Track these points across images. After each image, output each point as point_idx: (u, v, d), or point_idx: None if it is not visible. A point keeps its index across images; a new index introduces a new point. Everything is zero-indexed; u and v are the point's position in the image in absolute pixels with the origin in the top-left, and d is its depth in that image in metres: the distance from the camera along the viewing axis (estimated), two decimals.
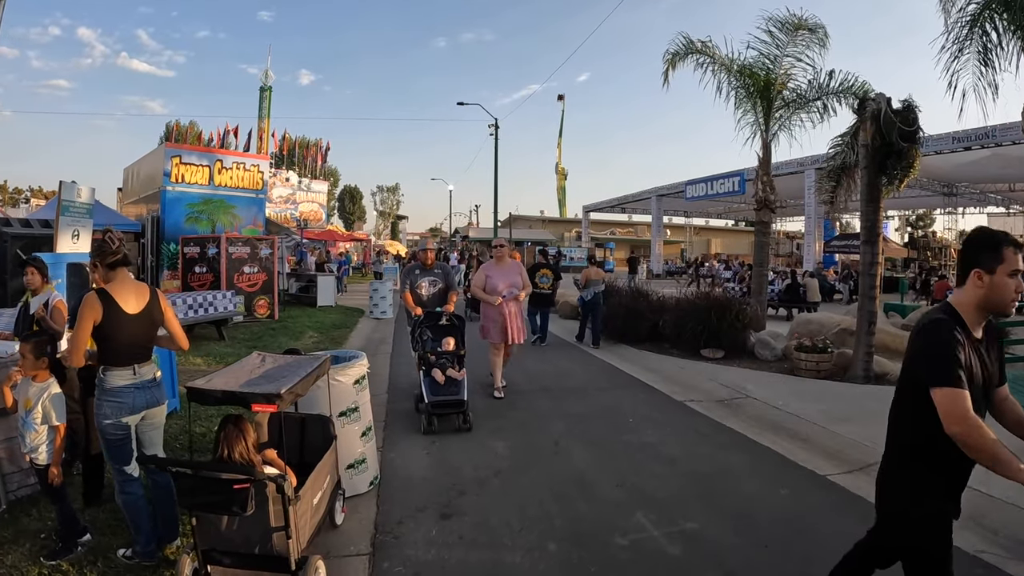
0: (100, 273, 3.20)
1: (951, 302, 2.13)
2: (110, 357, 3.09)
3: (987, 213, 35.05)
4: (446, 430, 5.61)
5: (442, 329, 6.25)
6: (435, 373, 5.83)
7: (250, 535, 2.69)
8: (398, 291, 18.63)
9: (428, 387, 5.75)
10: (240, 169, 15.74)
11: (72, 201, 6.97)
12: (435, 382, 5.78)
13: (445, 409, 5.68)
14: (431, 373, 5.85)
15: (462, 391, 5.76)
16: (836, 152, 8.85)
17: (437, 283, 6.72)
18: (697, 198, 30.41)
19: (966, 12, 7.00)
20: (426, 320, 6.22)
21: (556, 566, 3.17)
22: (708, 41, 11.47)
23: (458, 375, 5.86)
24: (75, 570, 3.05)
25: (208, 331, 10.56)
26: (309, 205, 39.28)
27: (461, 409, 5.71)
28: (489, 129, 28.89)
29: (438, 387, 5.75)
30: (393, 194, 73.42)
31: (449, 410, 5.68)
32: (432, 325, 6.24)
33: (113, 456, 3.11)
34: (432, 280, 6.71)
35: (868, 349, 7.81)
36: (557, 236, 51.36)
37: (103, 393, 3.07)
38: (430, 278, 6.71)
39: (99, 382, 3.09)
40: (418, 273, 6.73)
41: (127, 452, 3.10)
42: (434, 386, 5.77)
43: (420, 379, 5.91)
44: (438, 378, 5.79)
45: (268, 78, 43.49)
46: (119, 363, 3.08)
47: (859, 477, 4.57)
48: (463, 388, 5.79)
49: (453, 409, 5.70)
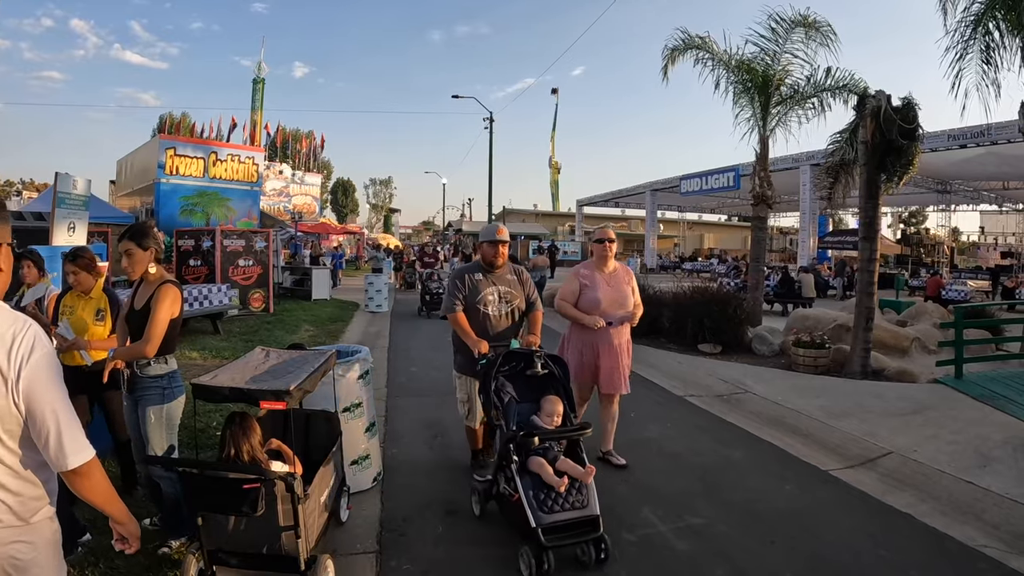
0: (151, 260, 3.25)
1: None
2: (172, 345, 3.27)
3: (980, 211, 35.34)
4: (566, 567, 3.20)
5: (536, 383, 3.75)
6: (539, 467, 3.29)
7: (258, 535, 2.65)
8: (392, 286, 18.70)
9: (531, 497, 3.18)
10: (235, 161, 15.63)
11: (68, 193, 6.87)
12: (542, 485, 3.23)
13: (568, 537, 3.17)
14: (531, 466, 3.32)
15: (591, 500, 3.26)
16: (835, 148, 8.85)
17: (512, 298, 4.28)
18: (691, 193, 30.50)
19: (970, 12, 7.00)
20: (504, 364, 3.74)
21: (565, 562, 3.16)
22: (707, 36, 11.47)
23: (583, 473, 3.31)
24: (76, 571, 3.00)
25: (203, 325, 10.49)
26: (302, 198, 39.02)
27: (595, 534, 3.19)
28: (484, 123, 28.81)
29: (549, 495, 3.20)
30: (386, 187, 73.26)
31: (574, 537, 3.19)
32: (515, 373, 3.78)
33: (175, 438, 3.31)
34: (505, 293, 4.27)
35: (865, 345, 7.84)
36: (550, 230, 51.29)
37: (173, 380, 3.25)
38: (502, 289, 4.26)
39: (165, 371, 3.22)
40: (480, 280, 4.25)
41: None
42: (542, 495, 3.20)
43: (499, 472, 3.50)
44: (550, 479, 3.23)
45: (261, 70, 43.20)
46: (173, 350, 3.30)
47: (860, 472, 4.60)
48: (592, 495, 3.28)
49: (580, 535, 3.19)
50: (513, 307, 4.29)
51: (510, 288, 4.30)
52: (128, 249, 3.18)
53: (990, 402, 6.25)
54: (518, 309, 4.32)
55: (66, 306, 3.79)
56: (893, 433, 5.36)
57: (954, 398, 6.54)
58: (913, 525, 3.77)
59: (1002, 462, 4.65)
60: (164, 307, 3.11)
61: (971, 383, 6.99)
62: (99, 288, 3.82)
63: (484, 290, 4.22)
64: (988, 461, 4.67)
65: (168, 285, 3.18)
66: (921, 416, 5.87)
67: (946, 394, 6.71)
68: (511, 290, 4.29)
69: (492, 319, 4.22)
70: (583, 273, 4.76)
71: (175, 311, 3.19)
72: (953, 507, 3.96)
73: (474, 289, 4.22)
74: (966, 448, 4.95)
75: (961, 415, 5.90)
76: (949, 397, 6.58)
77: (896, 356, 8.88)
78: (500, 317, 4.24)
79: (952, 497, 4.10)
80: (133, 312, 3.26)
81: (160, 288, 3.16)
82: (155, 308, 3.09)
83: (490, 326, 4.19)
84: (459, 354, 4.34)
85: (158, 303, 3.11)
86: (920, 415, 5.90)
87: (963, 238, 45.59)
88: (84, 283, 3.74)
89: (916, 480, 4.42)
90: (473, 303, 4.20)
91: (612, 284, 4.68)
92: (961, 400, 6.46)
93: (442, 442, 5.23)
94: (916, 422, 5.69)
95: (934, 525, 3.75)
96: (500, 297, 4.25)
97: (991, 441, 5.03)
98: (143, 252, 3.19)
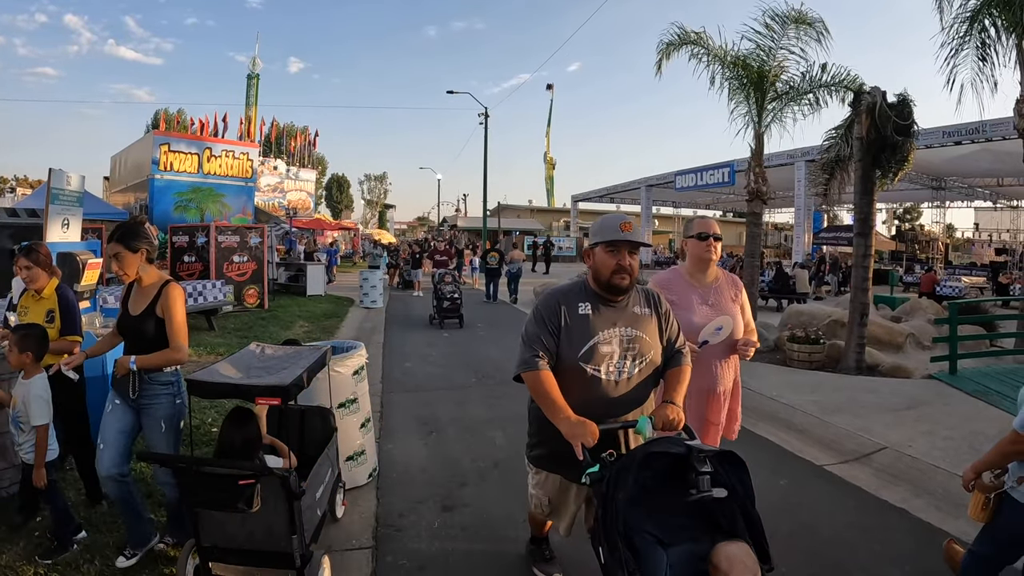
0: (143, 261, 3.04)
1: None
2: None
3: (975, 207, 35.46)
4: None
5: (696, 506, 2.08)
6: None
7: (254, 531, 2.64)
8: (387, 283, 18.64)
9: None
10: (229, 157, 15.56)
11: (61, 189, 6.82)
12: None
13: None
14: None
15: None
16: (830, 145, 8.87)
17: (643, 347, 2.52)
18: (687, 189, 30.54)
19: (966, 8, 7.02)
20: (643, 468, 2.12)
21: (562, 558, 3.16)
22: (702, 31, 11.44)
23: None
24: (71, 569, 3.00)
25: (198, 321, 10.44)
26: (297, 194, 38.87)
27: None
28: (479, 118, 28.78)
29: None
30: (381, 183, 72.92)
31: None
32: (655, 476, 2.14)
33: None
34: (632, 339, 2.50)
35: (860, 341, 7.87)
36: (545, 225, 51.26)
37: (181, 385, 3.09)
38: (626, 332, 2.50)
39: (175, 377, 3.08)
40: (589, 315, 2.49)
41: None
42: None
43: None
44: None
45: (256, 66, 42.87)
46: None
47: (855, 467, 4.62)
48: None
49: None
50: (645, 362, 2.48)
51: (640, 330, 2.48)
52: (116, 252, 2.96)
53: (984, 397, 6.28)
54: (652, 365, 2.51)
55: (23, 307, 3.64)
56: (887, 428, 5.38)
57: (948, 393, 6.57)
58: (907, 519, 3.78)
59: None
60: (179, 309, 2.99)
61: (965, 379, 7.03)
62: (51, 288, 3.63)
63: (598, 334, 2.43)
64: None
65: (172, 285, 3.04)
66: (915, 411, 5.90)
67: (940, 389, 6.74)
68: (642, 334, 2.48)
69: (606, 385, 2.43)
70: (670, 279, 3.30)
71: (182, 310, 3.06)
72: (947, 502, 3.97)
73: (579, 331, 2.44)
74: (960, 443, 4.97)
75: (955, 410, 5.93)
76: (943, 392, 6.61)
77: (890, 352, 8.92)
78: (621, 381, 2.45)
79: (946, 492, 4.11)
80: (129, 318, 3.05)
81: (166, 290, 3.01)
82: (171, 313, 2.96)
83: (602, 394, 2.43)
84: (540, 443, 2.62)
85: (171, 307, 2.97)
86: (914, 410, 5.93)
87: (957, 234, 45.78)
88: (36, 279, 3.57)
89: (910, 475, 4.44)
90: (573, 358, 2.42)
91: (713, 301, 3.21)
92: (955, 395, 6.49)
93: (437, 438, 5.23)
94: (910, 417, 5.72)
95: (928, 519, 3.77)
96: (624, 346, 2.45)
97: (985, 436, 5.05)
98: (132, 254, 2.97)
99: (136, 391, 2.97)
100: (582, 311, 2.47)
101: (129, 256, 2.97)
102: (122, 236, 2.97)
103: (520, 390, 2.55)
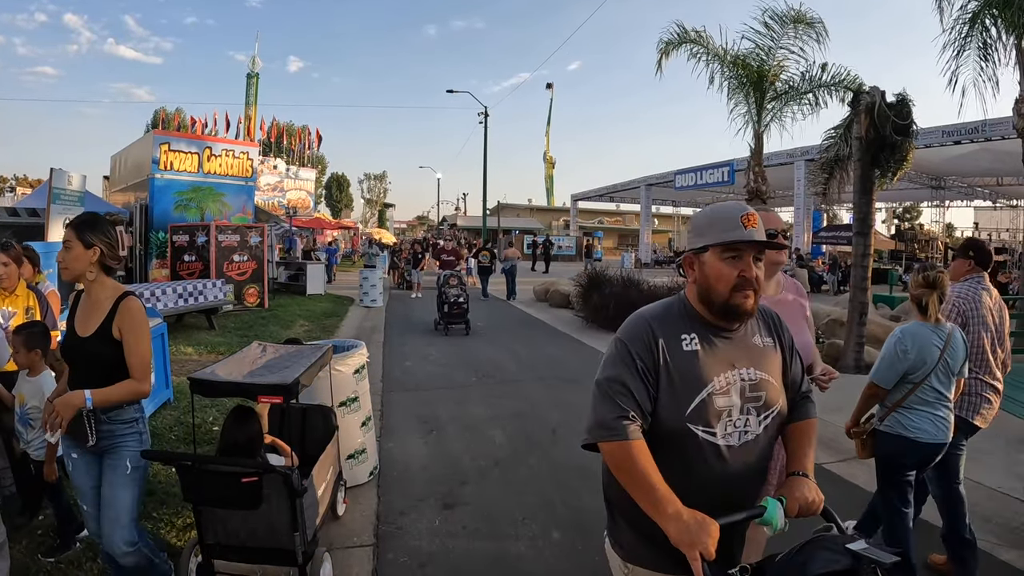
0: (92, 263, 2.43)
1: None
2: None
3: (974, 207, 35.49)
4: None
5: None
6: None
7: (256, 529, 2.66)
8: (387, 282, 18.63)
9: None
10: (229, 156, 15.53)
11: (63, 189, 6.84)
12: None
13: None
14: None
15: None
16: (830, 144, 8.89)
17: (766, 390, 1.61)
18: (686, 188, 30.52)
19: (967, 10, 7.03)
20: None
21: (562, 555, 3.18)
22: (702, 31, 11.49)
23: None
24: (74, 567, 3.01)
25: (198, 320, 10.46)
26: (297, 193, 38.90)
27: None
28: (479, 117, 28.79)
29: None
30: (380, 182, 72.88)
31: None
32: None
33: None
34: (754, 382, 1.60)
35: (859, 340, 7.90)
36: (545, 225, 51.27)
37: (145, 422, 2.60)
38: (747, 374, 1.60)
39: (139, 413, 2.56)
40: (696, 350, 1.58)
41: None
42: None
43: None
44: None
45: (255, 65, 42.88)
46: None
47: (852, 465, 4.64)
48: None
49: None
50: (771, 416, 1.63)
51: (764, 371, 1.65)
52: (67, 240, 2.40)
53: None
54: (779, 419, 1.67)
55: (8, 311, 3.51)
56: None
57: None
58: None
59: (994, 456, 4.70)
60: (143, 332, 2.43)
61: None
62: (23, 285, 3.58)
63: (712, 381, 1.57)
64: (980, 455, 4.70)
65: (131, 299, 2.44)
66: None
67: None
68: (767, 376, 1.64)
69: (726, 454, 1.57)
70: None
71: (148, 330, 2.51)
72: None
73: (686, 377, 1.57)
74: None
75: None
76: None
77: None
78: (741, 447, 1.59)
79: None
80: (77, 339, 2.43)
81: (124, 305, 2.41)
82: (134, 335, 2.39)
83: (717, 468, 1.57)
84: (629, 528, 1.68)
85: (134, 327, 2.40)
86: None
87: (957, 234, 45.80)
88: (10, 277, 3.46)
89: None
90: (679, 417, 1.55)
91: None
92: None
93: (437, 436, 5.24)
94: None
95: (925, 518, 3.77)
96: (746, 396, 1.60)
97: (983, 435, 5.05)
98: (83, 249, 2.38)
99: (95, 436, 2.40)
100: (687, 347, 1.60)
101: (78, 249, 2.39)
102: (79, 225, 2.43)
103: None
